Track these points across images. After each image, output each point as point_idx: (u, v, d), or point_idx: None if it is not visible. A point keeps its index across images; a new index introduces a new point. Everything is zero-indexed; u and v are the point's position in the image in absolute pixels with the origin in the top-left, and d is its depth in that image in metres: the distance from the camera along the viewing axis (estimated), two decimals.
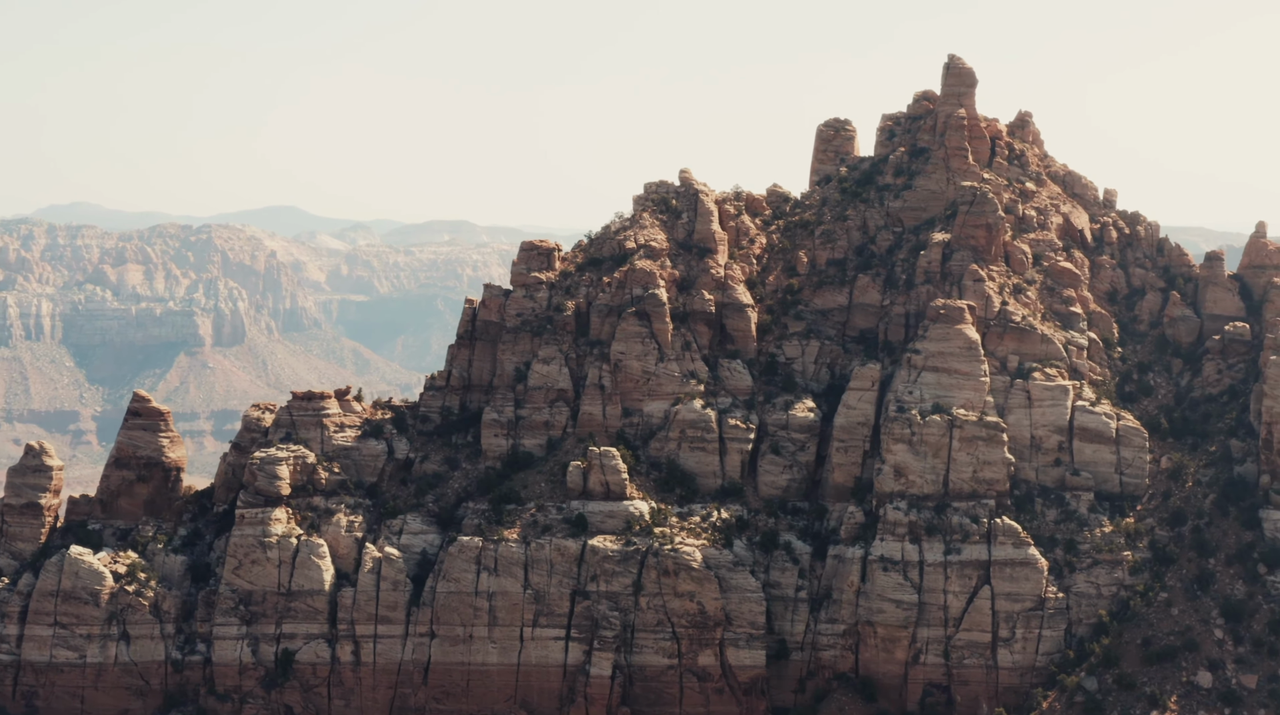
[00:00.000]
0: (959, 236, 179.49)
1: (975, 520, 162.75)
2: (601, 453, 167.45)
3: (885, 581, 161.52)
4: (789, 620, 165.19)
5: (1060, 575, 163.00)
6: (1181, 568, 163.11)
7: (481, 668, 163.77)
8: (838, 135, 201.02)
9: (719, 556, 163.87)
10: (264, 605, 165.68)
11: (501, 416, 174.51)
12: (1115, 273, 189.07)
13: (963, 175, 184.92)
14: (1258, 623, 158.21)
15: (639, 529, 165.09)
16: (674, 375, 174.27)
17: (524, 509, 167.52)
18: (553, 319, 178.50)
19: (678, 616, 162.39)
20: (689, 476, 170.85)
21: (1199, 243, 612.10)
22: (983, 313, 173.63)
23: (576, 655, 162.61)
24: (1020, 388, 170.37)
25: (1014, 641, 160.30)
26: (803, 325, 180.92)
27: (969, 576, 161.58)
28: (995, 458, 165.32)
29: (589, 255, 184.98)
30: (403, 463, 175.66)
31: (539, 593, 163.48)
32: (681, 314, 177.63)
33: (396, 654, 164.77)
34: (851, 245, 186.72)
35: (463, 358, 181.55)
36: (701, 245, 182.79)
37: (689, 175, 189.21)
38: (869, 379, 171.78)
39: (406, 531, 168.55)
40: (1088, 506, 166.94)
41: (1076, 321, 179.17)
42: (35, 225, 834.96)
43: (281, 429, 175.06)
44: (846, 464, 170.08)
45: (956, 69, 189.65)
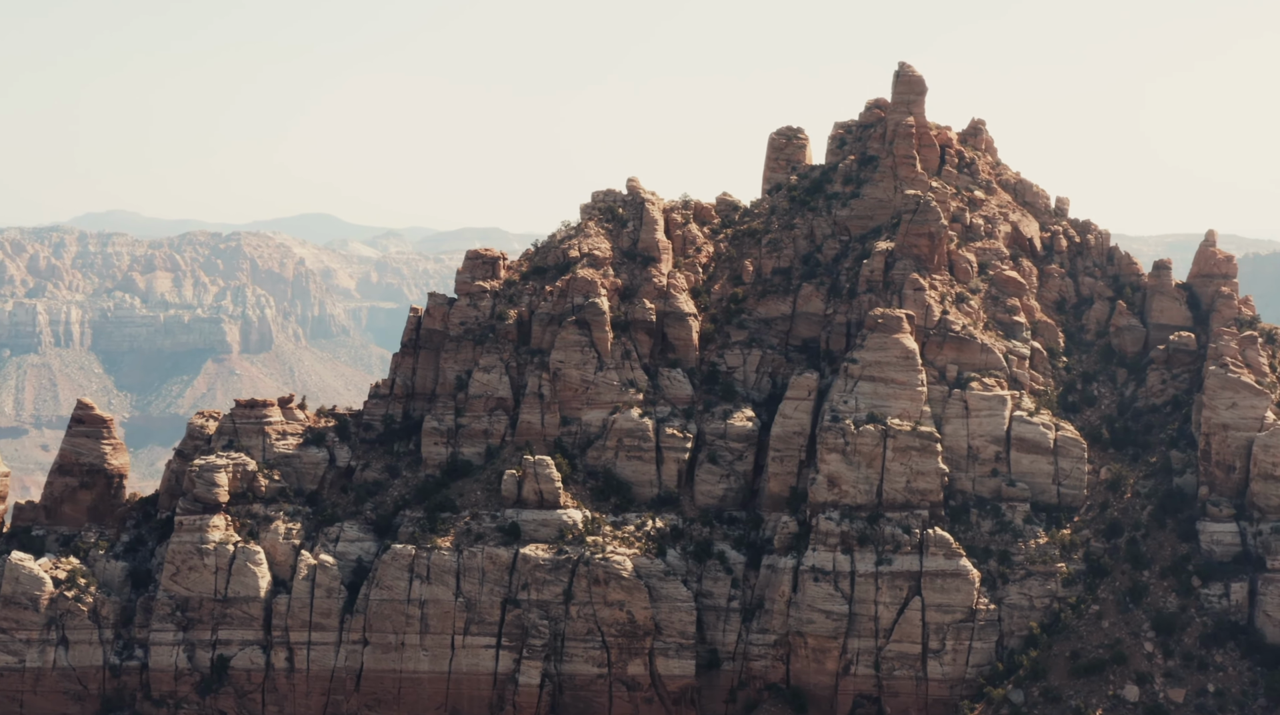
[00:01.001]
0: (902, 245, 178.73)
1: (907, 531, 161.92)
2: (536, 461, 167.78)
3: (816, 592, 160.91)
4: (721, 630, 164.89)
5: (993, 587, 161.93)
6: (1115, 580, 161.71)
7: (413, 675, 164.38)
8: (789, 143, 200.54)
9: (650, 566, 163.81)
10: (200, 611, 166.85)
11: (442, 425, 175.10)
12: (1064, 281, 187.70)
13: (910, 184, 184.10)
14: (1189, 636, 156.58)
15: (571, 538, 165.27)
16: (613, 384, 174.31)
17: (459, 517, 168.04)
18: (495, 327, 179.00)
19: (607, 625, 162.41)
20: (625, 485, 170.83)
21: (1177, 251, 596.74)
22: (922, 322, 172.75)
23: (507, 663, 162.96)
24: (958, 397, 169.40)
25: (944, 653, 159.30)
26: (745, 334, 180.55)
27: (900, 587, 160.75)
28: (929, 468, 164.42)
29: (534, 264, 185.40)
30: (344, 470, 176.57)
31: (470, 601, 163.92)
32: (623, 323, 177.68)
33: (330, 661, 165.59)
34: (798, 254, 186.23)
35: (406, 366, 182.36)
36: (645, 254, 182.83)
37: (636, 184, 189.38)
38: (805, 388, 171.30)
39: (343, 539, 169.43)
40: (1023, 517, 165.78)
41: (1019, 331, 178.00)
42: (66, 233, 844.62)
43: (224, 437, 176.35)
44: (782, 473, 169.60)
45: (906, 77, 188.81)
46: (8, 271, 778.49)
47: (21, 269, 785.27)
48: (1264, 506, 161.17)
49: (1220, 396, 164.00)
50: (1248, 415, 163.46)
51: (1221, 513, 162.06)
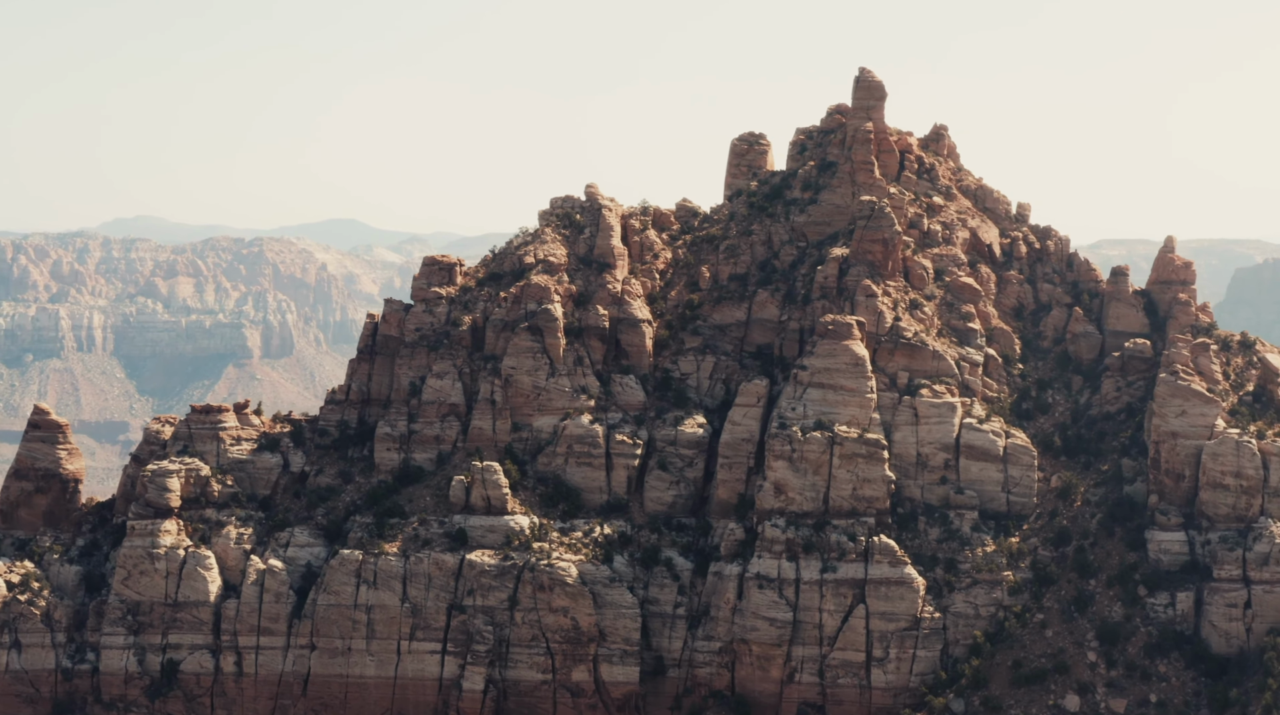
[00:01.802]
0: (856, 251, 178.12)
1: (853, 538, 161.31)
2: (484, 468, 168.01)
3: (760, 599, 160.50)
4: (666, 637, 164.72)
5: (939, 595, 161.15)
6: (1061, 589, 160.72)
7: (359, 680, 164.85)
8: (751, 149, 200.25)
9: (595, 572, 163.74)
10: (151, 616, 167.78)
11: (395, 430, 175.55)
12: (1023, 288, 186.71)
13: (868, 189, 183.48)
14: (1133, 646, 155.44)
15: (518, 544, 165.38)
16: (564, 390, 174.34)
17: (407, 523, 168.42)
18: (450, 334, 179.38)
19: (552, 632, 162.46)
20: (574, 492, 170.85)
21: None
22: (874, 328, 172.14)
23: (452, 669, 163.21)
24: (908, 405, 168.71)
25: (888, 661, 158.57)
26: (700, 341, 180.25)
27: (844, 595, 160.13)
28: (875, 475, 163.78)
29: (490, 270, 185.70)
30: (298, 476, 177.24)
31: (416, 606, 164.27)
32: (577, 329, 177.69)
33: (277, 665, 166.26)
34: (755, 260, 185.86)
35: (362, 372, 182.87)
36: (601, 260, 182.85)
37: (595, 190, 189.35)
38: (754, 395, 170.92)
39: (293, 544, 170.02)
40: (971, 525, 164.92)
41: (973, 337, 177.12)
42: (91, 239, 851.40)
43: (179, 442, 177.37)
44: (731, 480, 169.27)
45: (866, 82, 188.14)
46: (31, 277, 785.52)
47: (45, 274, 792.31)
48: (1213, 515, 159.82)
49: (1170, 404, 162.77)
50: (1197, 423, 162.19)
51: (1170, 521, 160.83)
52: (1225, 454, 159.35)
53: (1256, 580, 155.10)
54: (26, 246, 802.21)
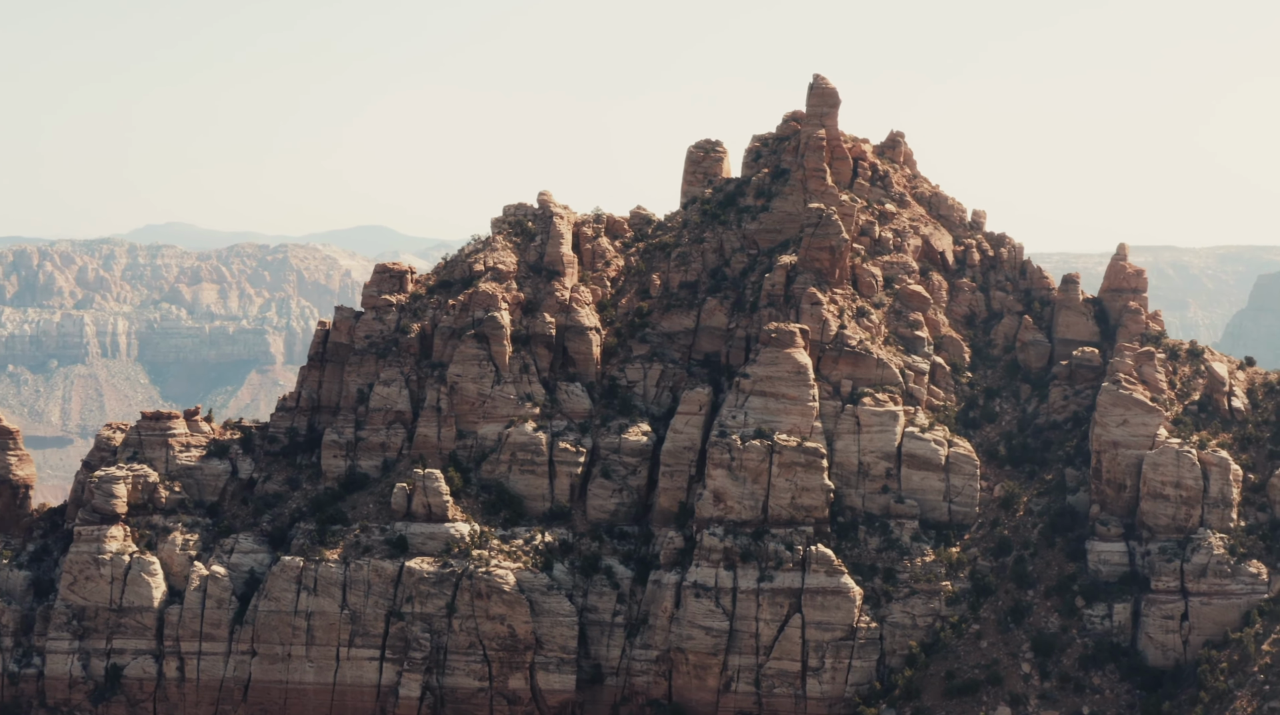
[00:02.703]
0: (804, 259, 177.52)
1: (790, 547, 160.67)
2: (425, 475, 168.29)
3: (697, 608, 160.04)
4: (604, 645, 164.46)
5: (877, 605, 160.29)
6: (999, 599, 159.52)
7: (299, 686, 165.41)
8: (707, 157, 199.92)
9: (533, 580, 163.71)
10: (96, 621, 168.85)
11: (342, 437, 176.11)
12: (974, 296, 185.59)
13: (819, 197, 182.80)
14: (1068, 657, 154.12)
15: (458, 551, 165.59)
16: (509, 398, 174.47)
17: (349, 530, 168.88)
18: (398, 341, 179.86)
19: (489, 639, 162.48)
20: (517, 499, 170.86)
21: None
22: (819, 336, 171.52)
23: (390, 676, 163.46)
24: (850, 413, 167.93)
25: (823, 671, 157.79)
26: (647, 348, 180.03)
27: (781, 605, 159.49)
28: (814, 484, 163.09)
29: (441, 278, 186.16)
30: (246, 482, 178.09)
31: (355, 613, 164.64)
32: (524, 336, 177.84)
33: (219, 671, 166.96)
34: (706, 268, 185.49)
35: (313, 379, 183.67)
36: (550, 268, 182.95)
37: (548, 197, 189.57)
38: (697, 403, 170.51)
39: (238, 550, 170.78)
40: (911, 535, 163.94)
41: (921, 346, 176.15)
42: (117, 245, 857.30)
43: (130, 448, 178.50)
44: (672, 489, 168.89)
45: (820, 89, 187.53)
46: (57, 283, 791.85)
47: (70, 281, 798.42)
48: (1153, 526, 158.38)
49: (1111, 413, 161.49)
50: (1139, 432, 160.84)
51: (1110, 532, 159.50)
52: (1165, 464, 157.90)
53: (1194, 592, 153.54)
54: (53, 253, 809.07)
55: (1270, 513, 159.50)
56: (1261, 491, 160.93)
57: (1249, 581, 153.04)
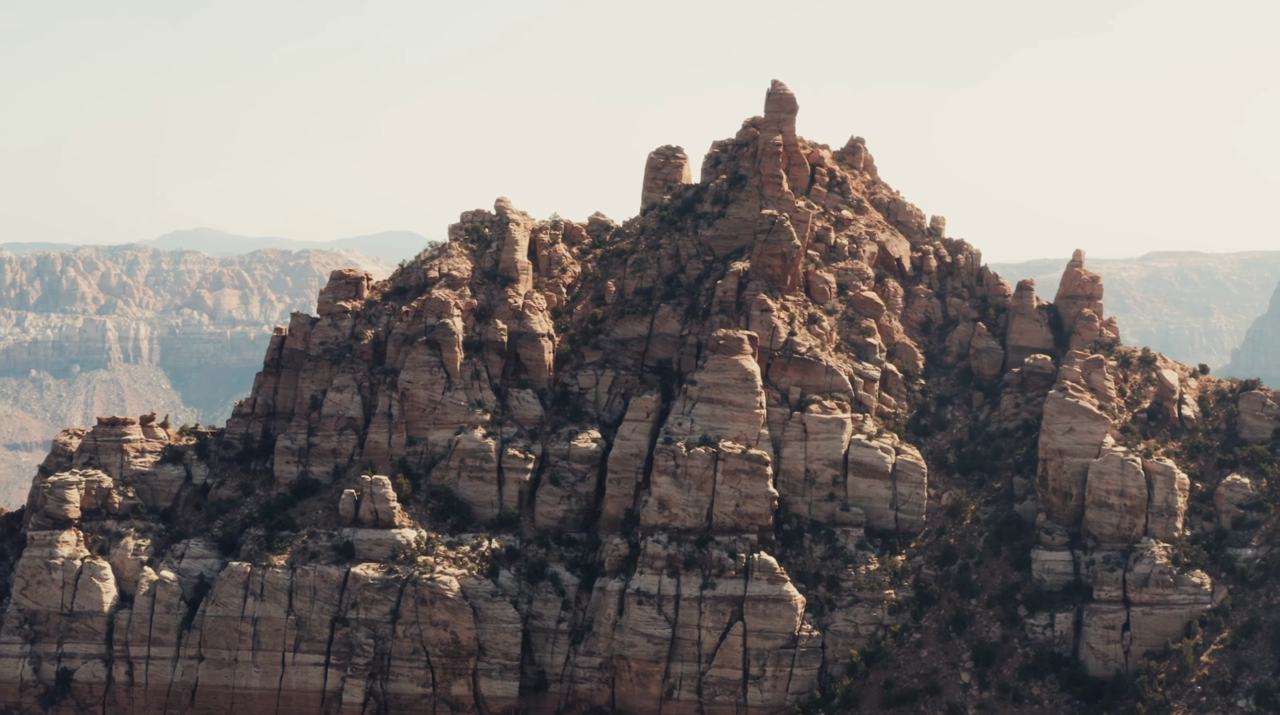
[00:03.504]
0: (756, 266, 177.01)
1: (733, 555, 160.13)
2: (372, 481, 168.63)
3: (639, 615, 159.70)
4: (549, 652, 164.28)
5: (820, 613, 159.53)
6: (941, 608, 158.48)
7: (245, 691, 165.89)
8: (667, 163, 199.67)
9: (477, 586, 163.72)
10: (47, 625, 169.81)
11: (294, 443, 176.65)
12: (930, 302, 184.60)
13: (775, 203, 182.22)
14: (1008, 667, 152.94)
15: (403, 557, 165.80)
16: (460, 404, 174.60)
17: (298, 536, 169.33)
18: (352, 348, 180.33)
19: (432, 645, 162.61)
20: (465, 506, 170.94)
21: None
22: (768, 343, 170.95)
23: (334, 681, 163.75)
24: (797, 420, 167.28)
25: (764, 679, 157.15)
26: (599, 355, 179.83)
27: (723, 612, 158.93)
28: (758, 491, 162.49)
29: (396, 285, 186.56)
30: (200, 488, 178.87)
31: (301, 619, 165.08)
32: (476, 343, 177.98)
33: (167, 676, 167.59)
34: (661, 274, 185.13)
35: (269, 386, 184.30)
36: (505, 274, 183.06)
37: (505, 204, 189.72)
38: (644, 410, 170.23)
39: (188, 556, 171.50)
40: (856, 543, 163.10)
41: (872, 353, 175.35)
42: (140, 251, 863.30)
43: (85, 454, 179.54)
44: (619, 495, 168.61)
45: (777, 95, 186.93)
46: (80, 289, 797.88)
47: (93, 287, 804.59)
48: (1098, 535, 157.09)
49: (1057, 421, 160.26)
50: (1085, 441, 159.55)
51: (1054, 541, 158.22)
52: (1110, 472, 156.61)
53: (1136, 602, 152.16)
54: (76, 259, 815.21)
55: (1216, 522, 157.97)
56: (1209, 500, 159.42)
57: (1192, 592, 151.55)
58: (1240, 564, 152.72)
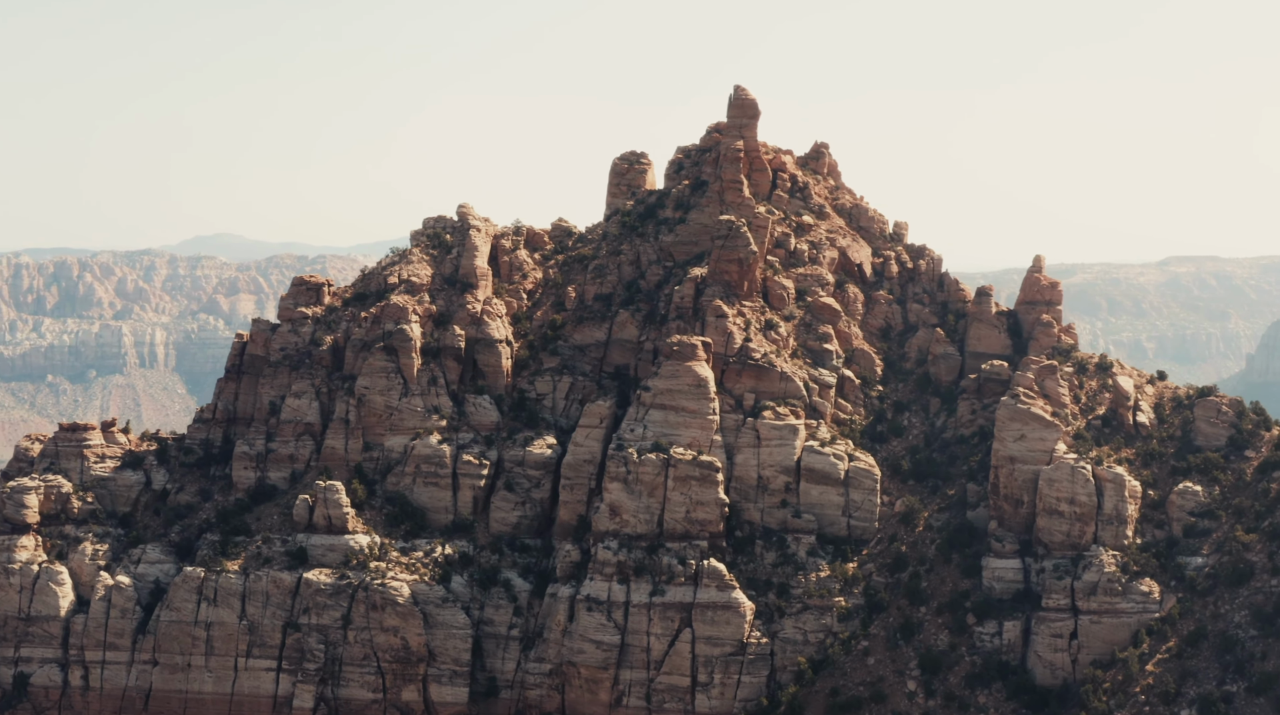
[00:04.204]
0: (713, 271, 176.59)
1: (683, 561, 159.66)
2: (326, 487, 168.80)
3: (588, 622, 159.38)
4: (500, 658, 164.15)
5: (770, 620, 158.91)
6: (890, 616, 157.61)
7: (198, 696, 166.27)
8: (631, 169, 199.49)
9: (428, 592, 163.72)
10: (5, 629, 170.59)
11: (252, 449, 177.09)
12: (890, 308, 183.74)
13: (736, 209, 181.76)
14: (955, 675, 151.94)
15: (356, 563, 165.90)
16: (416, 410, 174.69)
17: (252, 541, 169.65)
18: (311, 353, 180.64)
19: (383, 651, 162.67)
20: (420, 511, 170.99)
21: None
22: (723, 349, 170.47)
23: (286, 686, 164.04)
24: (750, 426, 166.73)
25: (712, 687, 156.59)
26: (557, 361, 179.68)
27: (672, 619, 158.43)
28: (709, 498, 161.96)
29: (357, 291, 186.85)
30: (159, 493, 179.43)
31: (253, 624, 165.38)
32: (434, 349, 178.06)
33: (121, 680, 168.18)
34: (622, 280, 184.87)
35: (229, 391, 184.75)
36: (464, 281, 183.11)
37: (467, 209, 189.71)
38: (597, 416, 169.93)
39: (144, 561, 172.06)
40: (807, 550, 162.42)
41: (829, 359, 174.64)
42: (158, 257, 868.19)
43: (46, 459, 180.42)
44: (572, 502, 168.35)
45: (739, 100, 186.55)
46: (97, 294, 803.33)
47: (110, 292, 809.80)
48: (1048, 542, 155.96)
49: (1009, 428, 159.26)
50: (1036, 448, 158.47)
51: (1005, 548, 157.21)
52: (1060, 480, 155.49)
53: (1084, 610, 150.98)
54: (93, 264, 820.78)
55: (1168, 530, 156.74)
56: (1161, 508, 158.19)
57: (1140, 600, 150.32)
58: (1190, 572, 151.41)
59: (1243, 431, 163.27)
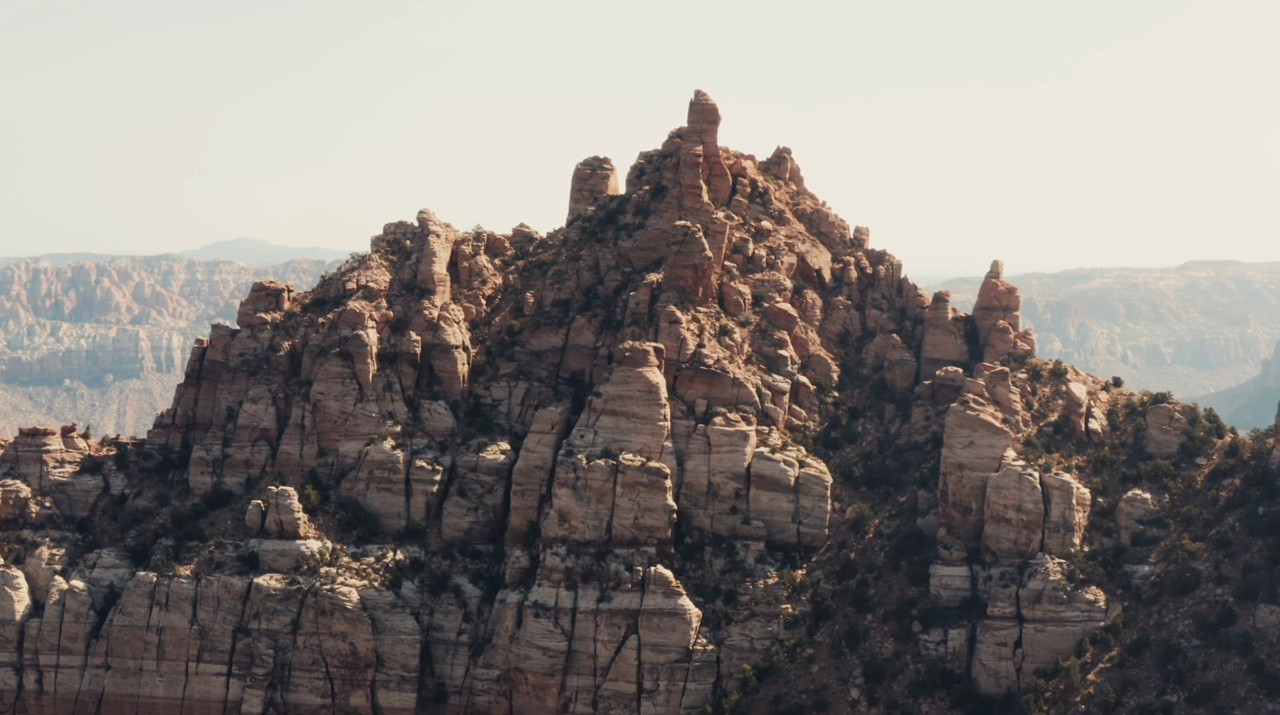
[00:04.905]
0: (668, 277, 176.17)
1: (630, 568, 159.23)
2: (278, 492, 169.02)
3: (535, 628, 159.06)
4: (449, 664, 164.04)
5: (717, 627, 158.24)
6: (836, 623, 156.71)
7: (149, 700, 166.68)
8: (594, 174, 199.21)
9: (378, 598, 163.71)
10: None
11: (210, 454, 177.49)
12: (849, 314, 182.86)
13: (694, 214, 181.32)
14: (899, 684, 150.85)
15: (306, 569, 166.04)
16: (371, 416, 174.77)
17: (205, 546, 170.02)
18: (269, 359, 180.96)
19: (331, 656, 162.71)
20: (372, 517, 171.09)
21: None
22: (675, 355, 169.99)
23: (236, 691, 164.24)
24: (701, 433, 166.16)
25: (658, 693, 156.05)
26: (513, 367, 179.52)
27: (618, 626, 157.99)
28: (657, 504, 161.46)
29: (316, 296, 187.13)
30: (118, 498, 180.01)
31: (204, 629, 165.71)
32: (391, 355, 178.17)
33: (75, 684, 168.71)
34: (581, 286, 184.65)
35: (189, 397, 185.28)
36: (422, 286, 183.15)
37: (428, 215, 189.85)
38: (549, 422, 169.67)
39: (100, 565, 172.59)
40: (756, 556, 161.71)
41: (784, 365, 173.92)
42: (176, 261, 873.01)
43: (6, 464, 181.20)
44: (523, 507, 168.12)
45: (699, 105, 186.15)
46: (114, 299, 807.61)
47: (127, 296, 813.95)
48: (996, 550, 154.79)
49: (958, 435, 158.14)
50: (985, 455, 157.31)
51: (953, 556, 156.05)
52: (1008, 487, 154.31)
53: (1029, 619, 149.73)
54: (110, 269, 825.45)
55: (1116, 538, 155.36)
56: (1110, 516, 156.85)
57: (1085, 609, 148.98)
58: (1136, 581, 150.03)
59: (1195, 439, 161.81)
